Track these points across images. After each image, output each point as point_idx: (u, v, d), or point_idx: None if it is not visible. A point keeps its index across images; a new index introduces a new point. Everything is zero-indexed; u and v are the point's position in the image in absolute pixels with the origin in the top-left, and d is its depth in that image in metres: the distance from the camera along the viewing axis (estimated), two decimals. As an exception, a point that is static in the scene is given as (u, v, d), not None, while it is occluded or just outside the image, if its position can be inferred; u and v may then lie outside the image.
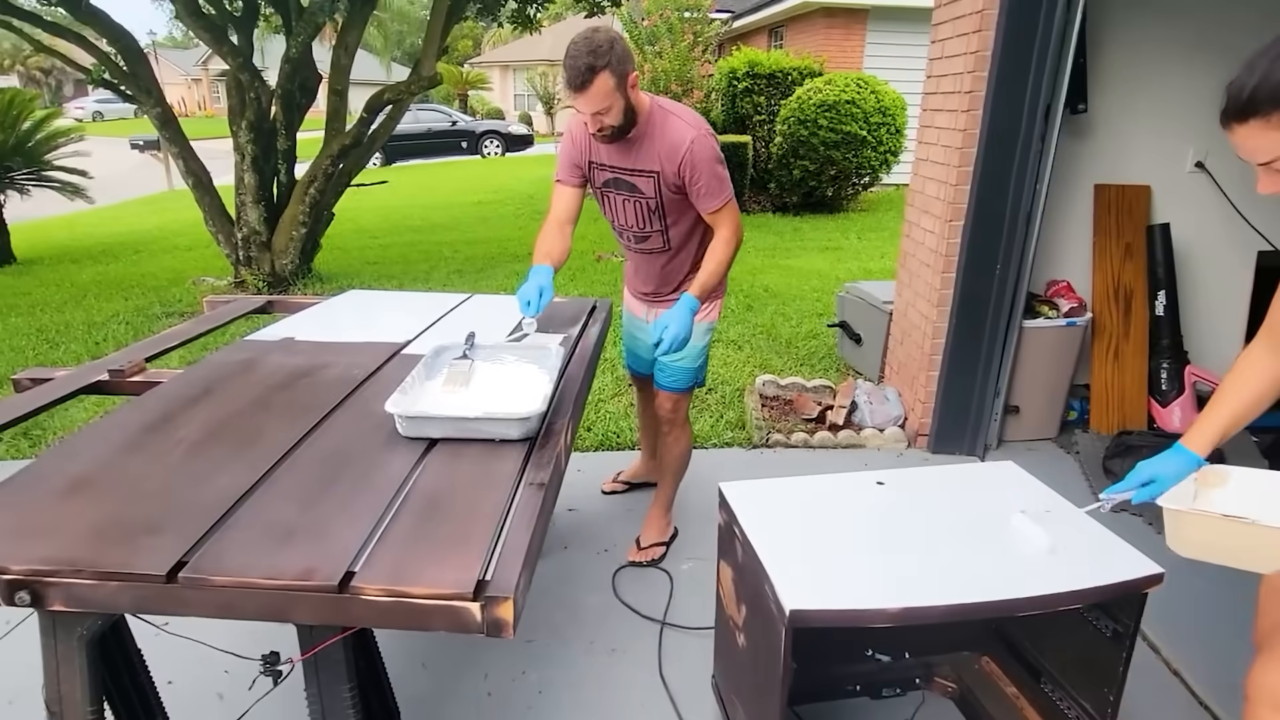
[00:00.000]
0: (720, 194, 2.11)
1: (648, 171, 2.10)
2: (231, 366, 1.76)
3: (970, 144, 2.96)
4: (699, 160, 2.04)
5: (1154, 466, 1.42)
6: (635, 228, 2.23)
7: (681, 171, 2.06)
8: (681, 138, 2.04)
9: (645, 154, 2.08)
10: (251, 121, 5.52)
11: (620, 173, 2.14)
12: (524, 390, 1.58)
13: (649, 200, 2.15)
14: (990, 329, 3.12)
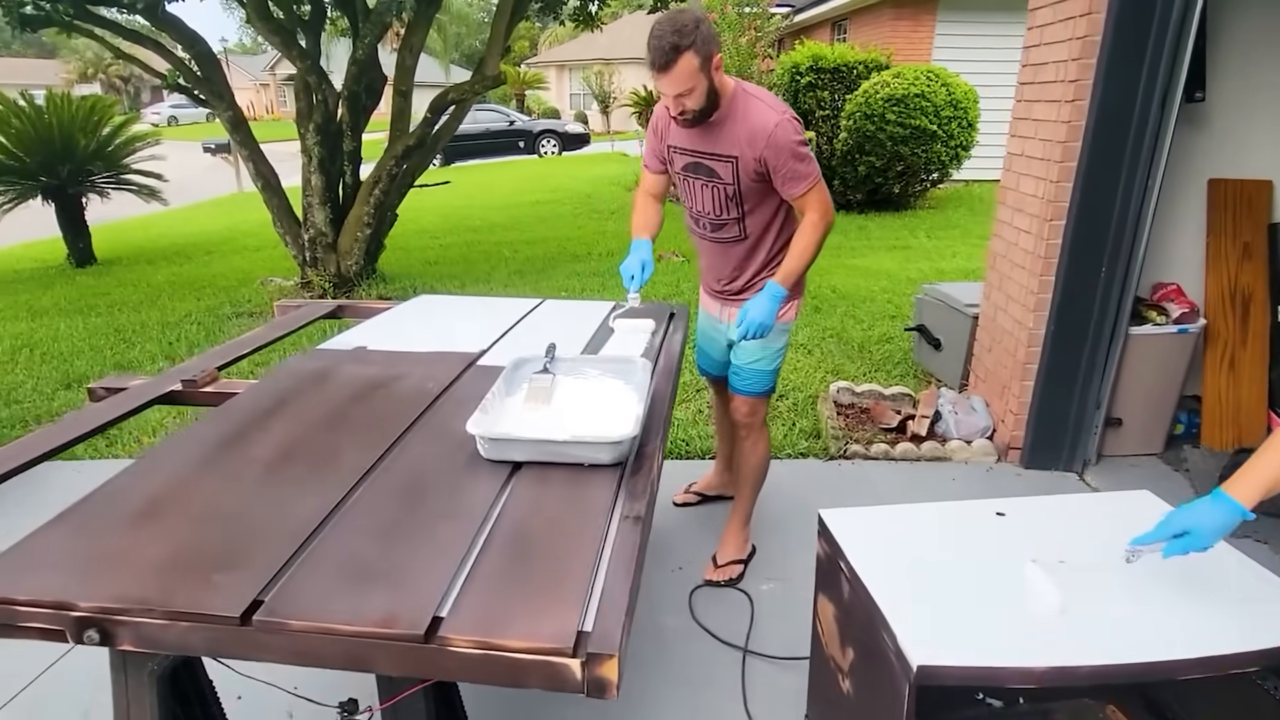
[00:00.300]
0: (805, 177, 2.01)
1: (726, 156, 2.01)
2: (305, 377, 1.69)
3: (1074, 137, 2.74)
4: (782, 146, 1.95)
5: (1190, 517, 1.23)
6: (711, 214, 2.15)
7: (763, 157, 1.97)
8: (764, 122, 1.94)
9: (725, 138, 2.00)
10: (318, 124, 5.56)
11: (699, 157, 2.06)
12: (610, 409, 1.47)
13: (726, 186, 2.06)
14: (1093, 336, 2.89)
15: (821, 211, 2.06)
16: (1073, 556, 1.38)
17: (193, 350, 4.84)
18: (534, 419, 1.43)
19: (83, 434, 1.50)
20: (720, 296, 2.34)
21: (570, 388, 1.55)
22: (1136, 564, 1.29)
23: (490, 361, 1.80)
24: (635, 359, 1.61)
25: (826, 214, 2.07)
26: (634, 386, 1.54)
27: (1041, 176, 2.91)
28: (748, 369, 2.27)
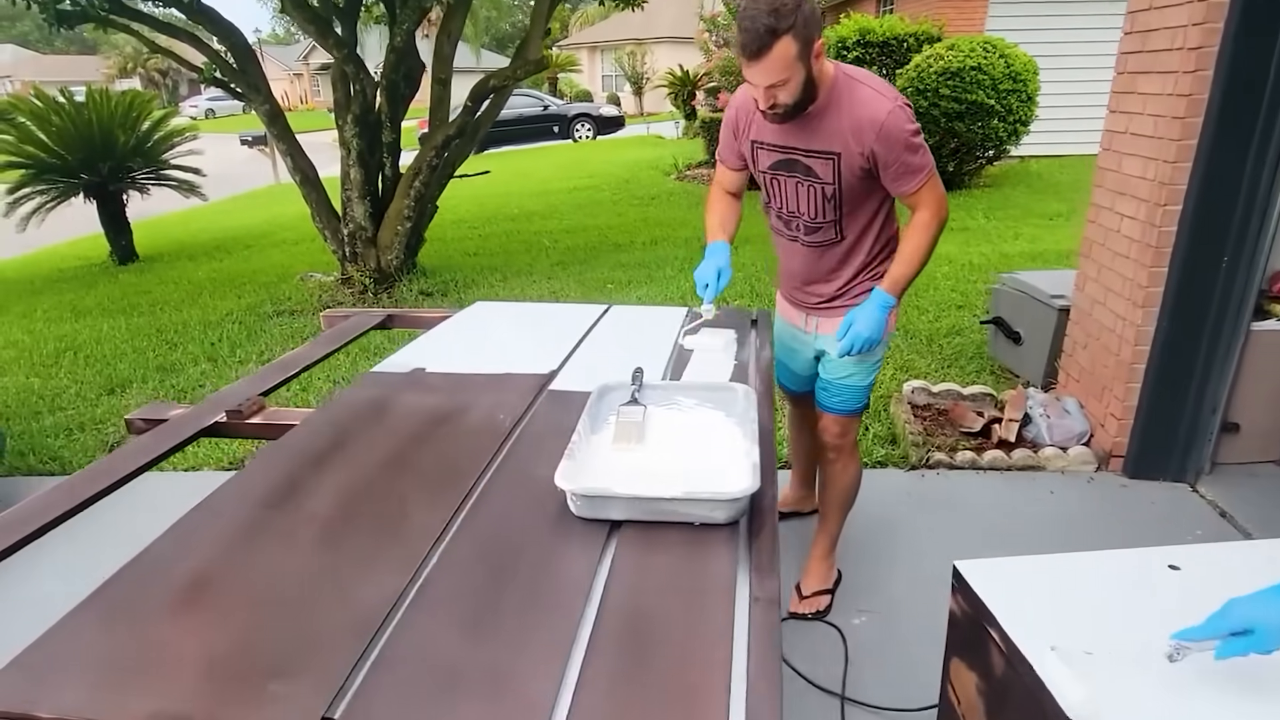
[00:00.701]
0: (919, 171, 1.77)
1: (827, 153, 1.77)
2: (360, 409, 1.51)
3: (1195, 112, 2.45)
4: (894, 138, 1.70)
5: (1253, 610, 0.98)
6: (806, 216, 1.91)
7: (872, 152, 1.72)
8: (875, 111, 1.69)
9: (826, 131, 1.74)
10: (357, 115, 5.40)
11: (793, 153, 1.82)
12: (714, 449, 1.27)
13: (826, 186, 1.82)
14: (1210, 333, 2.61)
15: (935, 208, 1.82)
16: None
17: (235, 351, 4.75)
18: (628, 464, 1.23)
19: (118, 479, 1.33)
20: (805, 305, 2.10)
21: (664, 422, 1.35)
22: (1183, 663, 1.03)
23: (564, 385, 1.61)
24: (736, 387, 1.40)
25: (941, 210, 1.83)
26: (736, 419, 1.33)
27: (1152, 156, 2.62)
28: (840, 385, 2.05)
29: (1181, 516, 2.60)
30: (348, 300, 5.59)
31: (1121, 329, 2.80)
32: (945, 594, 2.26)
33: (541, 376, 1.65)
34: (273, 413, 1.63)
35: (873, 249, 1.95)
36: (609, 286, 5.73)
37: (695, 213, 8.64)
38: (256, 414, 1.61)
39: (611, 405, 1.38)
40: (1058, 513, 2.66)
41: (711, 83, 14.62)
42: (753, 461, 1.13)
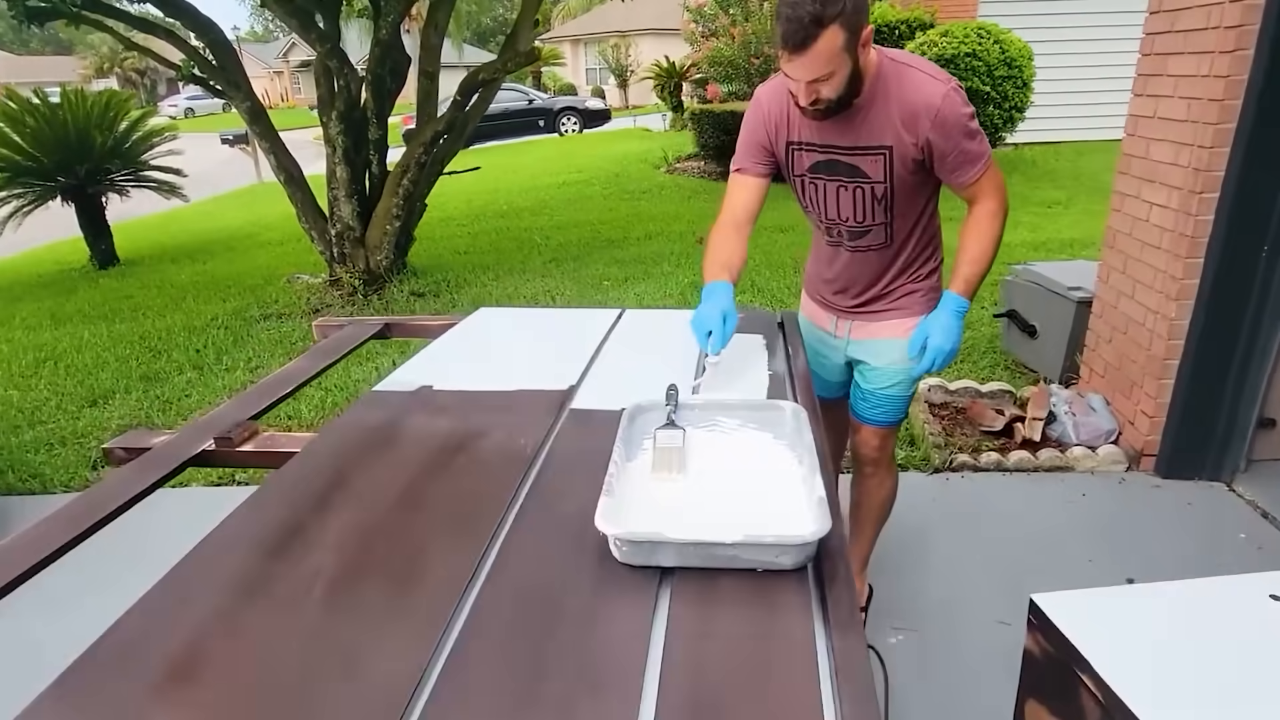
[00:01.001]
0: (979, 159, 1.61)
1: (877, 148, 1.60)
2: (363, 436, 1.37)
3: (1234, 94, 2.33)
4: (951, 124, 1.55)
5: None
6: (853, 221, 1.74)
7: (927, 142, 1.56)
8: (928, 97, 1.54)
9: (874, 125, 1.58)
10: (341, 111, 5.22)
11: (838, 153, 1.64)
12: (765, 476, 1.13)
13: (876, 186, 1.65)
14: (1250, 326, 2.50)
15: (1000, 197, 1.67)
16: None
17: (221, 358, 4.57)
18: (672, 498, 1.09)
19: (96, 522, 1.18)
20: (837, 308, 1.95)
21: (706, 446, 1.21)
22: None
23: (586, 402, 1.46)
24: (783, 405, 1.26)
25: (1004, 198, 1.67)
26: (787, 442, 1.20)
27: (1186, 142, 2.50)
28: (882, 395, 1.91)
29: (1222, 519, 2.49)
30: (336, 302, 5.42)
31: (1153, 323, 2.69)
32: (985, 607, 2.14)
33: (560, 393, 1.50)
34: (266, 438, 1.48)
35: (917, 248, 1.81)
36: (605, 284, 5.59)
37: (688, 206, 8.49)
38: (248, 440, 1.46)
39: (646, 428, 1.24)
40: (1092, 517, 2.55)
41: (699, 74, 14.46)
42: (818, 496, 1.00)
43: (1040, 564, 2.30)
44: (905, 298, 1.86)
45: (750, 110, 1.74)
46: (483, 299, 5.37)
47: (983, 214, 1.67)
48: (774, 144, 1.71)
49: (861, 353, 1.93)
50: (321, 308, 5.36)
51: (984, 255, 1.68)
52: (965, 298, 1.69)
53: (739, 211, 1.75)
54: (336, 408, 3.67)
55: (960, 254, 1.71)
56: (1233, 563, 2.27)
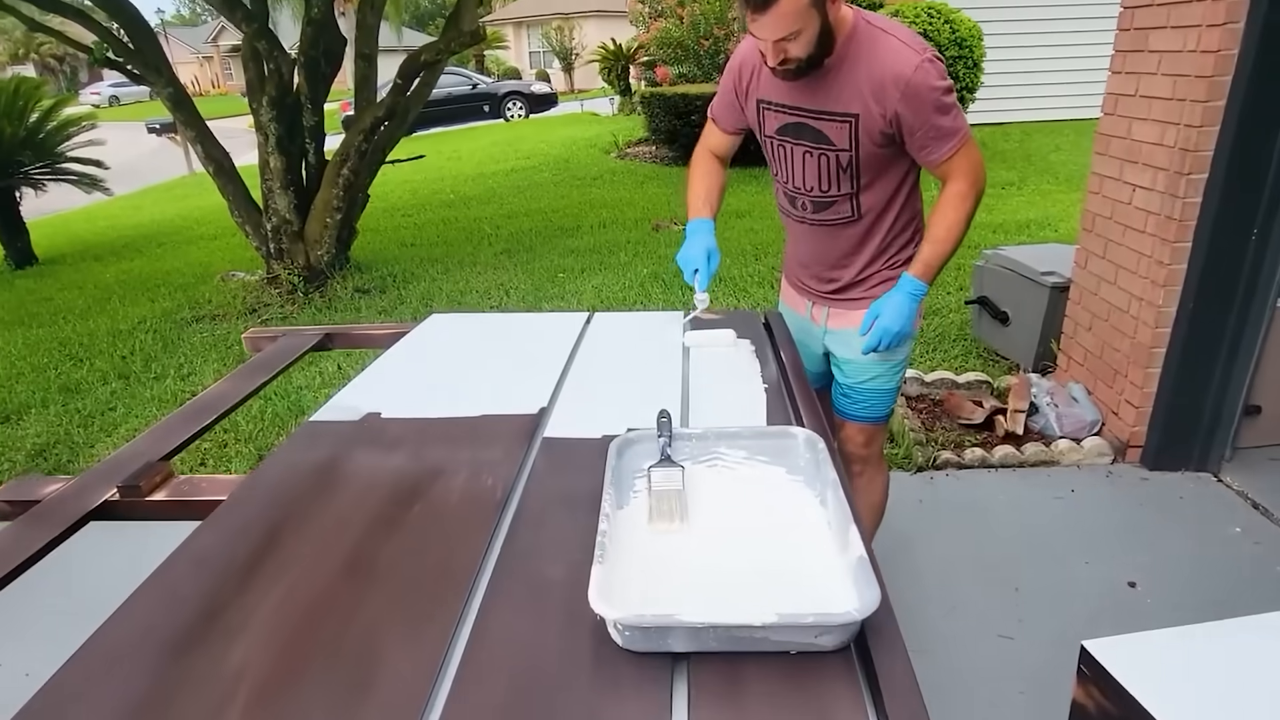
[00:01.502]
0: (952, 136, 1.50)
1: (842, 115, 1.49)
2: (299, 481, 1.15)
3: (1224, 69, 2.23)
4: (922, 97, 1.44)
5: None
6: (816, 191, 1.63)
7: (896, 114, 1.45)
8: (899, 66, 1.42)
9: (842, 89, 1.47)
10: (273, 96, 4.87)
11: (802, 115, 1.54)
12: (784, 524, 0.95)
13: (840, 154, 1.54)
14: (1238, 312, 2.42)
15: (973, 179, 1.55)
16: None
17: (149, 365, 4.23)
18: (676, 556, 0.91)
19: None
20: (813, 293, 1.82)
21: (709, 487, 1.03)
22: None
23: (560, 428, 1.27)
24: (793, 433, 1.08)
25: (978, 180, 1.56)
26: (803, 478, 1.03)
27: (1172, 121, 2.40)
28: (864, 390, 1.77)
29: (1215, 512, 2.42)
30: (275, 301, 5.09)
31: (1138, 310, 2.60)
32: (984, 620, 2.02)
33: (529, 418, 1.31)
34: (183, 483, 1.25)
35: (893, 229, 1.67)
36: (560, 276, 5.37)
37: (642, 192, 8.28)
38: (161, 486, 1.23)
39: (637, 463, 1.06)
40: (1084, 515, 2.45)
41: (647, 56, 14.21)
42: (858, 555, 0.83)
43: (1037, 569, 2.19)
44: (882, 285, 1.73)
45: (729, 66, 1.68)
46: (432, 294, 5.10)
47: (951, 194, 1.56)
48: (744, 102, 1.65)
49: (837, 343, 1.81)
50: (259, 307, 5.04)
51: (947, 237, 1.57)
52: (923, 280, 1.59)
53: (716, 148, 1.80)
54: (277, 419, 3.40)
55: (926, 235, 1.61)
56: (1232, 560, 2.19)
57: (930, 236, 1.58)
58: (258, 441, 3.25)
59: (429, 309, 4.80)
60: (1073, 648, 0.91)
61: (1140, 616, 1.98)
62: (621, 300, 4.68)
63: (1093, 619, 1.97)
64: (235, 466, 3.05)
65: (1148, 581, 2.11)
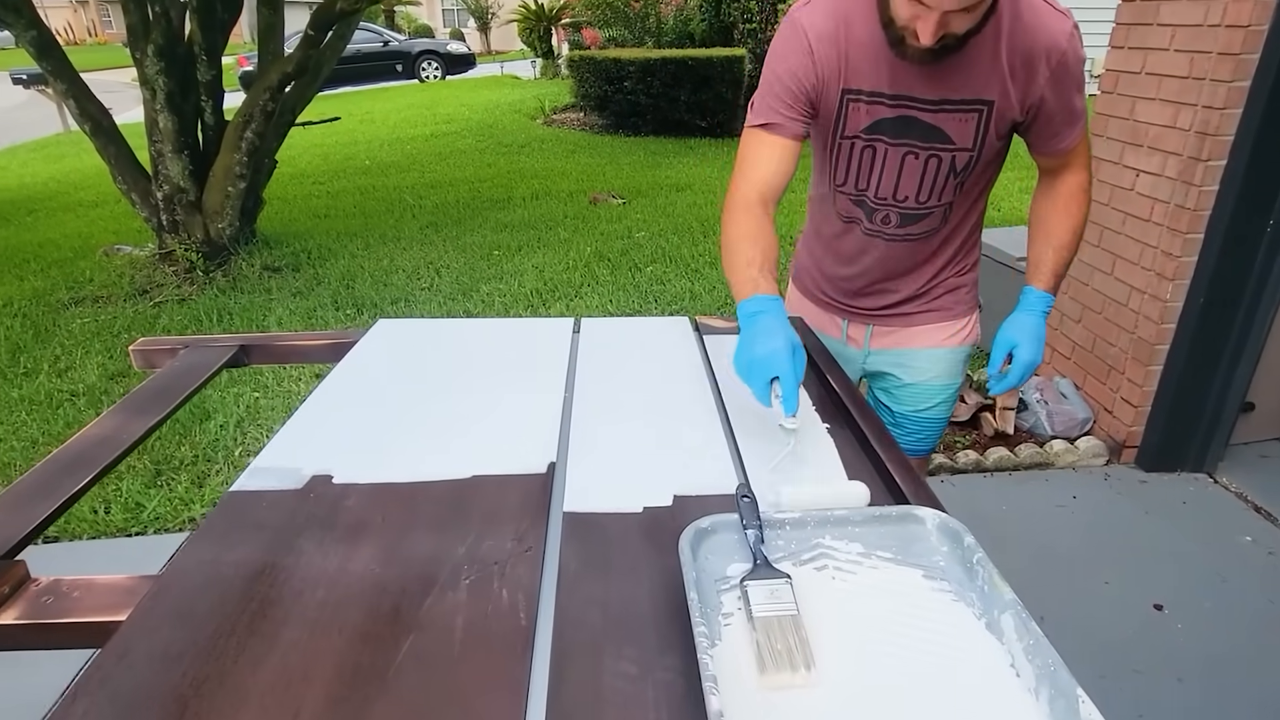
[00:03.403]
0: (1082, 118, 1.25)
1: (972, 103, 1.17)
2: (223, 598, 0.79)
3: (1251, 46, 2.05)
4: (1074, 72, 1.17)
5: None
6: (912, 201, 1.30)
7: (1040, 97, 1.17)
8: (1053, 36, 1.13)
9: (975, 71, 1.15)
10: (160, 45, 4.24)
11: (917, 108, 1.19)
12: (949, 665, 0.67)
13: (958, 154, 1.22)
14: (1247, 308, 2.29)
15: (1090, 168, 1.33)
16: None
17: (17, 358, 3.63)
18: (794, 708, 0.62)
19: None
20: (854, 311, 1.52)
21: (826, 604, 0.74)
22: None
23: (584, 497, 0.95)
24: (920, 515, 0.81)
25: (1090, 171, 1.34)
26: (951, 587, 0.75)
27: (1187, 101, 2.23)
28: (920, 419, 1.52)
29: (1222, 520, 2.31)
30: (169, 281, 4.50)
31: (1139, 303, 2.44)
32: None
33: (537, 479, 0.98)
34: (46, 592, 0.87)
35: (970, 236, 1.42)
36: (496, 254, 4.96)
37: (574, 162, 7.87)
38: (11, 601, 0.85)
39: (717, 569, 0.76)
40: (1090, 525, 2.30)
41: (573, 17, 13.64)
42: None
43: (1054, 590, 2.02)
44: (946, 295, 1.47)
45: (786, 41, 1.20)
46: (354, 273, 4.62)
47: (1076, 188, 1.31)
48: (819, 94, 1.21)
49: (889, 365, 1.53)
50: (150, 288, 4.44)
51: (1075, 241, 1.33)
52: (1053, 295, 1.34)
53: (769, 183, 1.22)
54: (188, 442, 2.91)
55: (1043, 238, 1.34)
56: (1252, 575, 2.08)
57: (1055, 242, 1.31)
58: (155, 509, 2.78)
59: (351, 290, 4.33)
60: (1120, 684, 0.68)
61: (1175, 647, 1.82)
62: (567, 282, 4.33)
63: (1129, 649, 1.80)
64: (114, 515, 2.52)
65: (1173, 603, 1.97)
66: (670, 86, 8.65)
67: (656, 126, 9.05)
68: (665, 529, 0.86)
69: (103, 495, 2.58)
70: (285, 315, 4.01)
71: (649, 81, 8.68)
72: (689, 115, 8.73)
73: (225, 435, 2.90)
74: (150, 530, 2.45)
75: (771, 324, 1.03)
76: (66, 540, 2.40)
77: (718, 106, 8.77)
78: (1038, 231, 1.35)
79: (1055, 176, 1.33)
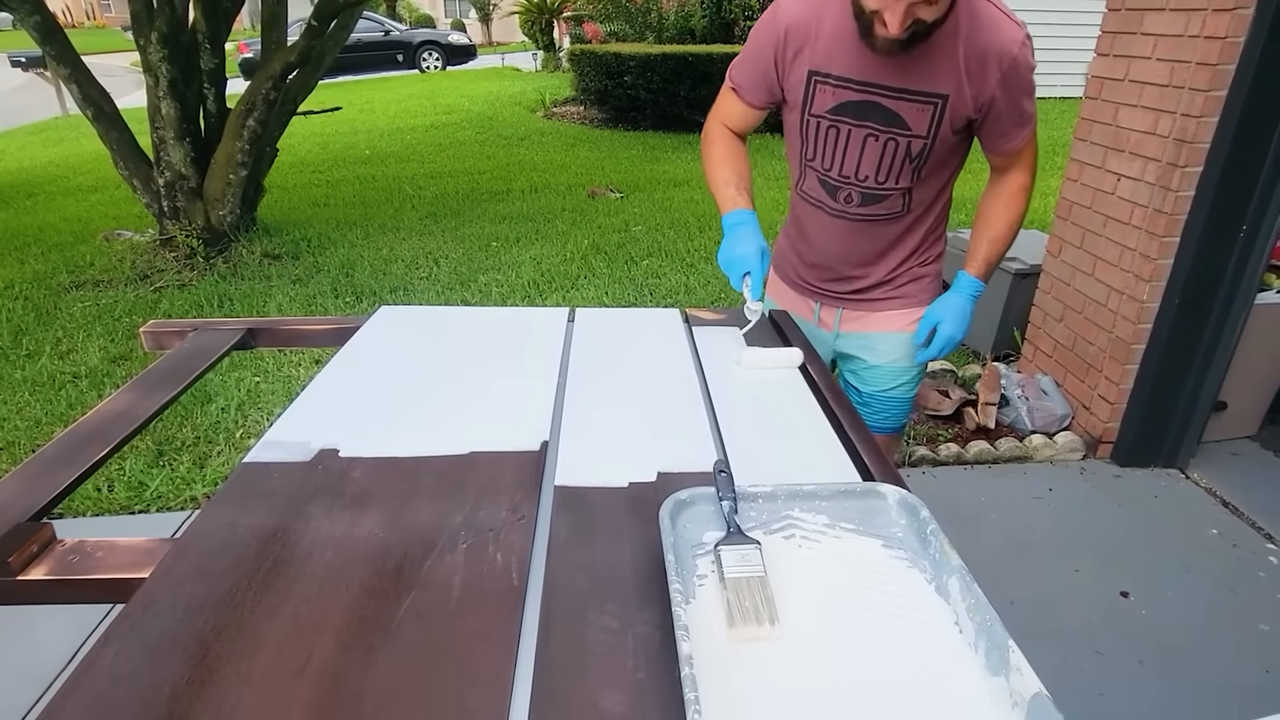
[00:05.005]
0: (1030, 121, 1.36)
1: (928, 96, 1.27)
2: (238, 557, 0.86)
3: (1229, 57, 2.13)
4: (1023, 78, 1.28)
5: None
6: (871, 181, 1.41)
7: (990, 97, 1.27)
8: (1004, 42, 1.23)
9: (934, 66, 1.25)
10: (164, 33, 4.28)
11: (879, 94, 1.29)
12: (903, 625, 0.75)
13: (913, 140, 1.33)
14: (1220, 309, 2.37)
15: (1034, 170, 1.42)
16: None
17: (19, 340, 3.69)
18: (780, 685, 0.69)
19: None
20: (826, 294, 1.61)
21: (793, 569, 0.81)
22: None
23: (575, 473, 1.02)
24: (882, 491, 0.88)
25: (1035, 169, 1.43)
26: (906, 556, 0.82)
27: (1166, 109, 2.30)
28: (886, 398, 1.61)
29: (1190, 513, 2.39)
30: (170, 266, 4.55)
31: (1117, 303, 2.52)
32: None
33: (531, 456, 1.05)
34: (72, 552, 0.94)
35: (934, 226, 1.51)
36: (494, 245, 5.02)
37: (573, 155, 7.92)
38: (39, 560, 0.92)
39: (693, 535, 0.83)
40: (1064, 516, 2.38)
41: (575, 10, 13.66)
42: (1035, 692, 0.63)
43: (1026, 577, 2.10)
44: (911, 284, 1.56)
45: (764, 24, 1.36)
46: (353, 262, 4.67)
47: (1016, 187, 1.42)
48: (784, 72, 1.35)
49: (855, 348, 1.63)
50: (151, 273, 4.49)
51: (1008, 235, 1.44)
52: (983, 281, 1.44)
53: (738, 125, 1.53)
54: (190, 424, 2.98)
55: (981, 230, 1.45)
56: (1215, 565, 2.16)
57: (991, 234, 1.42)
58: (180, 468, 2.84)
59: (350, 279, 4.39)
60: (1083, 664, 0.76)
61: (1139, 631, 1.91)
62: (564, 274, 4.39)
63: (1094, 633, 1.89)
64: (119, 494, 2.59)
65: (1139, 591, 2.05)
66: (670, 82, 8.70)
67: (656, 122, 9.11)
68: (648, 502, 0.93)
69: (106, 475, 2.64)
70: (285, 302, 4.07)
71: (649, 76, 8.73)
72: (688, 111, 8.78)
73: (226, 418, 2.96)
74: (153, 509, 2.51)
75: (747, 233, 1.35)
76: (71, 517, 2.46)
77: (716, 102, 8.81)
78: (979, 223, 1.47)
79: (1002, 175, 1.43)
